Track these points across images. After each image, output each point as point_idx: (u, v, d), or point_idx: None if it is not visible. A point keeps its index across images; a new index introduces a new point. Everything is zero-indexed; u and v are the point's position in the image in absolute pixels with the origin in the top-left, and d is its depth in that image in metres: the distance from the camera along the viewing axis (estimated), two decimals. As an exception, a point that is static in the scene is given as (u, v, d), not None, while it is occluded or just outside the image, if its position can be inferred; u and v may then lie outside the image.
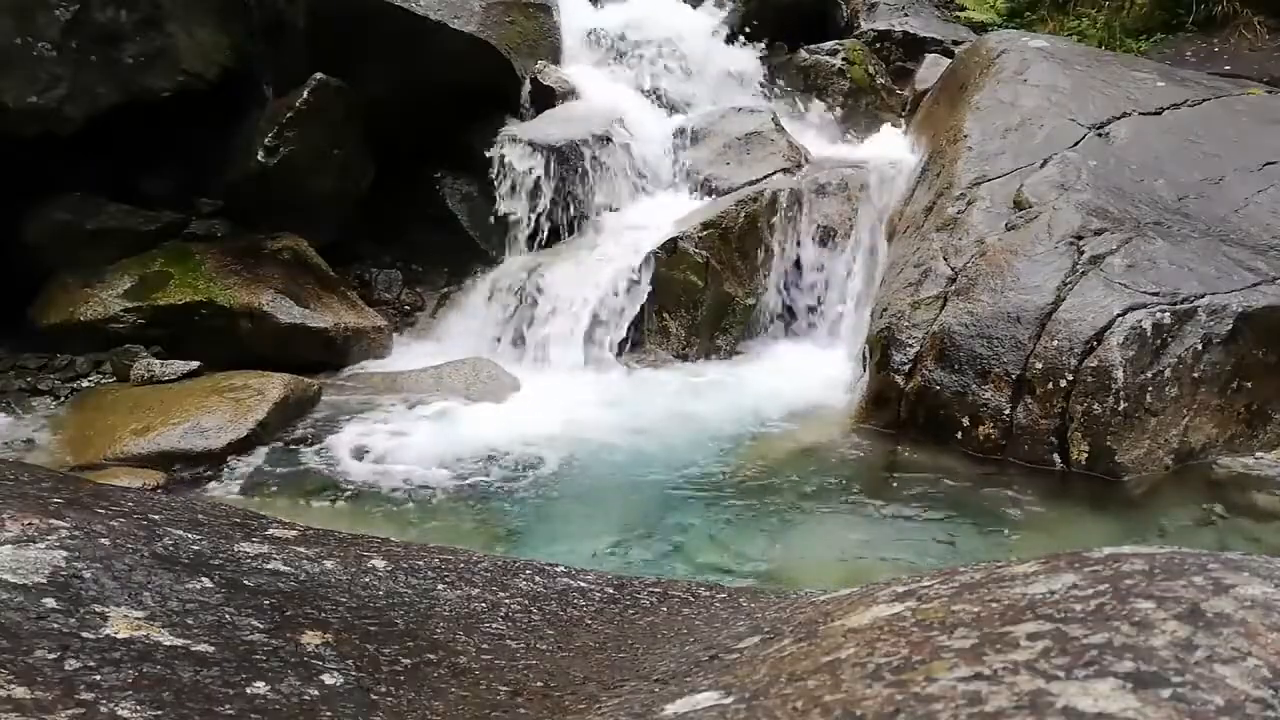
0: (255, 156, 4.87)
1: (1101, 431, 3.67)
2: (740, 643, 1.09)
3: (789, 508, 3.56)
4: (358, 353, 4.83)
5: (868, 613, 0.99)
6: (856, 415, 4.24)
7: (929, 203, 4.70)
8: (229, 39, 4.91)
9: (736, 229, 4.99)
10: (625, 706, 0.98)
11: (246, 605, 1.15)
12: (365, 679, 1.05)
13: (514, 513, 3.59)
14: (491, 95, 5.35)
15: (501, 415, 4.27)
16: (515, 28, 5.50)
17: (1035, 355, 3.81)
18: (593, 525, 3.53)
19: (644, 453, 3.97)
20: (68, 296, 4.58)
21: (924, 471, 3.80)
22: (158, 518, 1.36)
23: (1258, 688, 0.70)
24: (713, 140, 5.49)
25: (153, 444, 3.84)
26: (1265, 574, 0.85)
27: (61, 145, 4.49)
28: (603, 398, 4.48)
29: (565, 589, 1.41)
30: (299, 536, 1.45)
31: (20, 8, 4.32)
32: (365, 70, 5.06)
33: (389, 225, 5.41)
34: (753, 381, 4.64)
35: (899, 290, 4.33)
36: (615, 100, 5.61)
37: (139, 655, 0.99)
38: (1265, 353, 3.83)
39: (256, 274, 4.73)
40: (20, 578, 1.06)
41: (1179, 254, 4.03)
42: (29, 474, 1.49)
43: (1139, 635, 0.76)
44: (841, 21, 7.07)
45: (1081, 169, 4.45)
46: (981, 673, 0.75)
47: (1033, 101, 4.93)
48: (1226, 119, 4.97)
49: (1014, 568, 1.00)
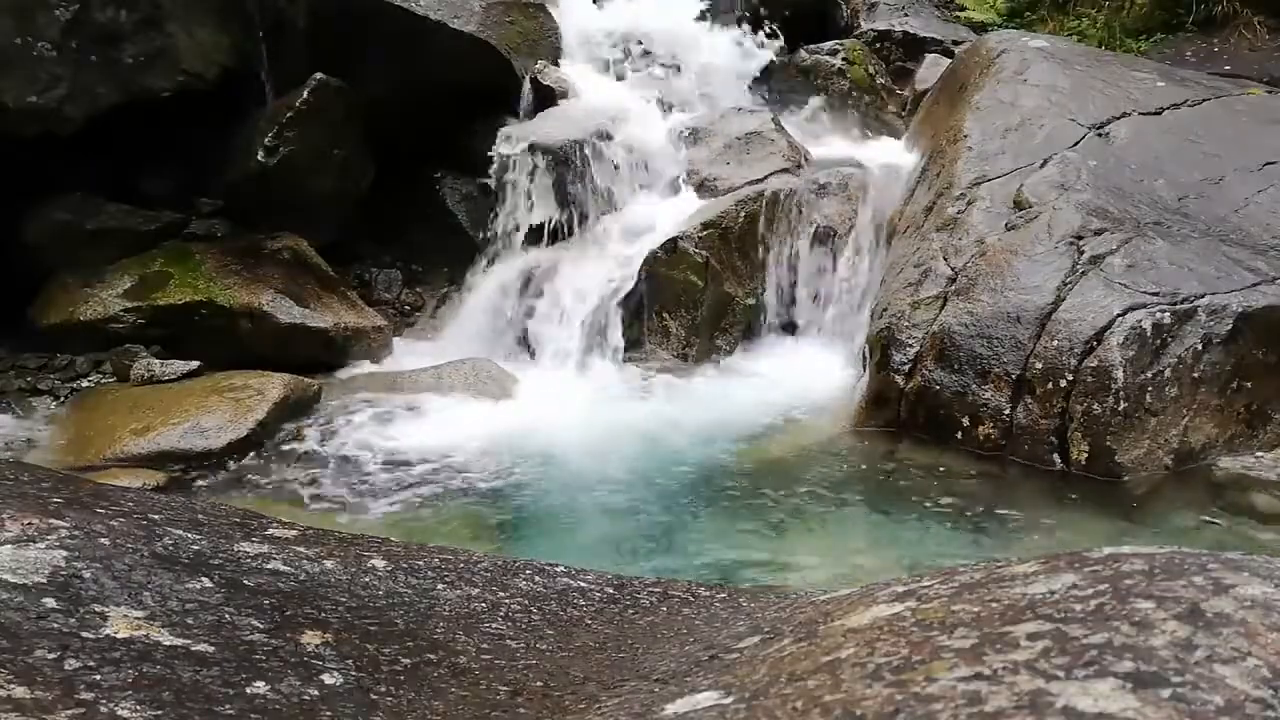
0: (255, 156, 4.86)
1: (1101, 431, 3.66)
2: (740, 643, 1.09)
3: (789, 507, 3.56)
4: (358, 353, 4.83)
5: (868, 613, 0.99)
6: (856, 415, 4.24)
7: (929, 203, 4.70)
8: (229, 39, 4.91)
9: (736, 229, 4.99)
10: (625, 706, 0.98)
11: (246, 605, 1.15)
12: (365, 679, 1.05)
13: (514, 512, 3.59)
14: (491, 95, 5.35)
15: (501, 415, 4.27)
16: (515, 28, 5.50)
17: (1035, 355, 3.81)
18: (593, 525, 3.53)
19: (644, 452, 3.97)
20: (68, 296, 4.58)
21: (924, 471, 3.80)
22: (158, 518, 1.36)
23: (1258, 688, 0.70)
24: (713, 140, 5.49)
25: (153, 444, 3.85)
26: (1265, 574, 0.85)
27: (61, 145, 4.49)
28: (602, 398, 4.48)
29: (565, 589, 1.41)
30: (299, 536, 1.45)
31: (20, 8, 4.31)
32: (365, 70, 5.06)
33: (389, 225, 5.41)
34: (752, 381, 4.64)
35: (899, 290, 4.33)
36: (615, 100, 5.61)
37: (139, 655, 0.99)
38: (1265, 353, 3.82)
39: (256, 274, 4.73)
40: (20, 578, 1.06)
41: (1179, 254, 4.03)
42: (29, 474, 1.49)
43: (1139, 635, 0.76)
44: (841, 21, 7.07)
45: (1081, 169, 4.45)
46: (981, 673, 0.75)
47: (1033, 101, 4.93)
48: (1226, 119, 4.96)
49: (1014, 568, 1.00)
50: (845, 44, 6.60)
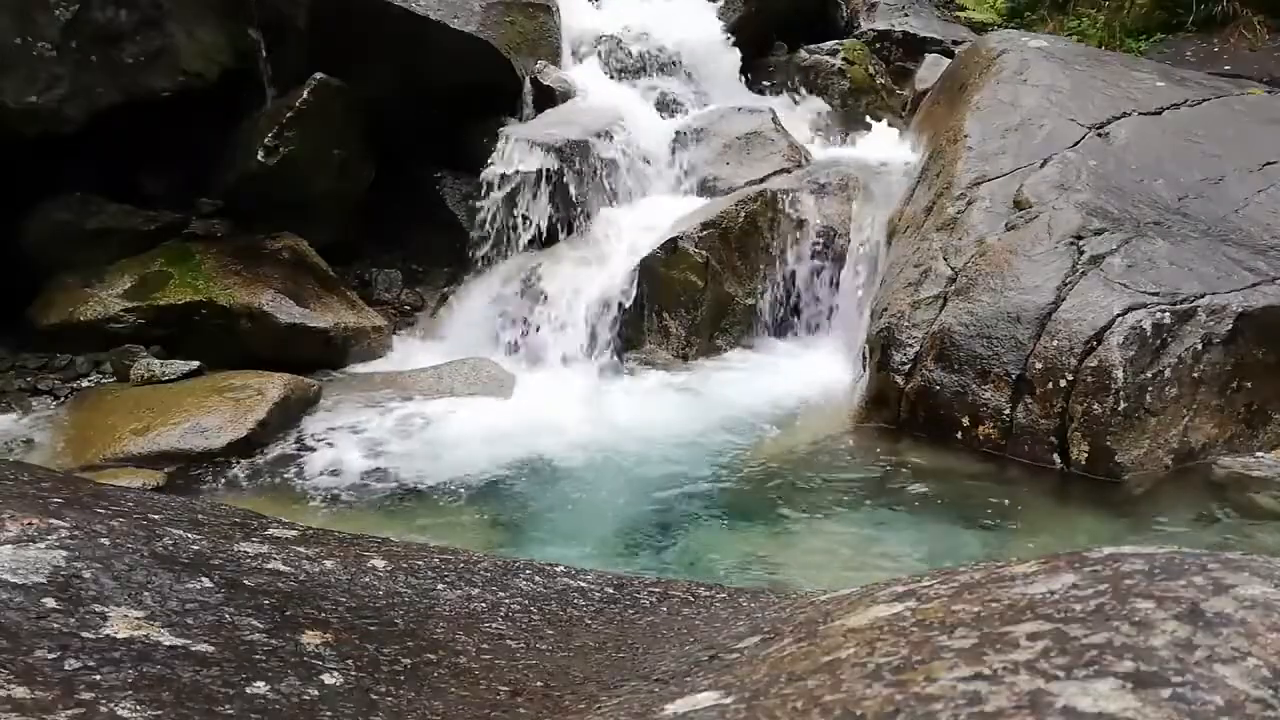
0: (255, 156, 4.86)
1: (1101, 431, 3.67)
2: (740, 643, 1.09)
3: (789, 507, 3.56)
4: (358, 352, 4.83)
5: (868, 613, 0.99)
6: (856, 415, 4.25)
7: (929, 203, 4.70)
8: (229, 39, 4.90)
9: (736, 229, 4.98)
10: (625, 706, 0.98)
11: (246, 605, 1.15)
12: (365, 679, 1.05)
13: (514, 512, 3.59)
14: (491, 95, 5.35)
15: (501, 415, 4.27)
16: (515, 28, 5.50)
17: (1035, 355, 3.81)
18: (592, 525, 3.53)
19: (644, 452, 3.97)
20: (68, 296, 4.58)
21: (924, 471, 3.80)
22: (158, 518, 1.36)
23: (1258, 688, 0.70)
24: (713, 140, 5.49)
25: (153, 444, 3.85)
26: (1265, 574, 0.85)
27: (61, 145, 4.49)
28: (602, 397, 4.48)
29: (565, 589, 1.41)
30: (299, 536, 1.45)
31: (20, 8, 4.31)
32: (365, 70, 5.06)
33: (389, 225, 5.41)
34: (752, 381, 4.64)
35: (899, 290, 4.33)
36: (615, 100, 5.61)
37: (139, 655, 0.99)
38: (1265, 353, 3.83)
39: (256, 274, 4.73)
40: (20, 578, 1.06)
41: (1179, 254, 4.03)
42: (29, 474, 1.49)
43: (1139, 635, 0.76)
44: (841, 21, 7.07)
45: (1081, 169, 4.45)
46: (981, 673, 0.75)
47: (1033, 101, 4.93)
48: (1226, 119, 4.97)
49: (1014, 568, 1.00)
50: (845, 44, 6.61)
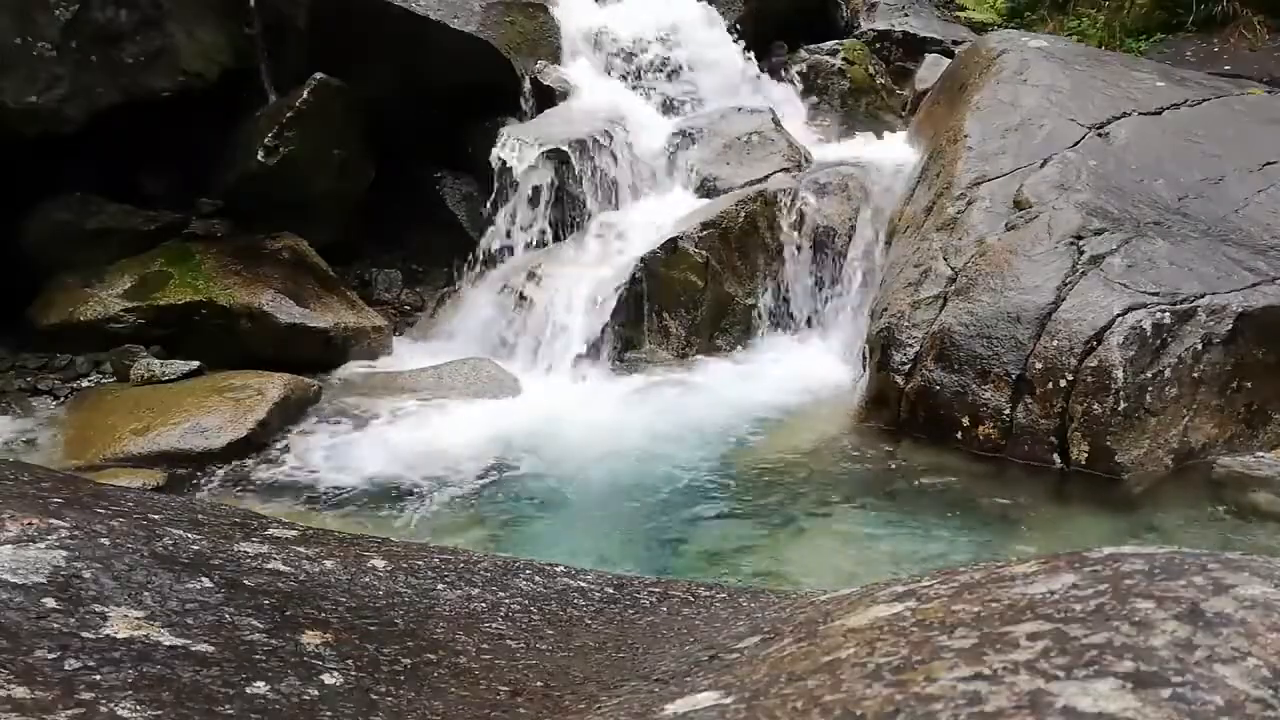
0: (255, 156, 4.86)
1: (1101, 431, 3.67)
2: (740, 643, 1.09)
3: (789, 507, 3.56)
4: (358, 352, 4.83)
5: (868, 613, 0.99)
6: (856, 415, 4.25)
7: (929, 203, 4.70)
8: (229, 39, 4.91)
9: (736, 229, 4.99)
10: (625, 706, 0.98)
11: (246, 605, 1.15)
12: (365, 679, 1.05)
13: (514, 512, 3.59)
14: (492, 95, 5.35)
15: (501, 415, 4.27)
16: (515, 27, 5.50)
17: (1035, 355, 3.81)
18: (592, 525, 3.53)
19: (644, 452, 3.97)
20: (68, 296, 4.58)
21: (924, 471, 3.80)
22: (158, 518, 1.36)
23: (1258, 688, 0.70)
24: (713, 140, 5.48)
25: (153, 444, 3.84)
26: (1265, 574, 0.85)
27: (61, 145, 4.49)
28: (602, 397, 4.48)
29: (565, 589, 1.41)
30: (299, 536, 1.45)
31: (20, 8, 4.31)
32: (365, 70, 5.06)
33: (389, 225, 5.41)
34: (752, 381, 4.64)
35: (899, 290, 4.33)
36: (615, 100, 5.61)
37: (139, 655, 0.99)
38: (1265, 353, 3.83)
39: (256, 274, 4.73)
40: (20, 578, 1.06)
41: (1179, 254, 4.03)
42: (29, 474, 1.49)
43: (1139, 635, 0.76)
44: (841, 21, 7.07)
45: (1081, 169, 4.45)
46: (981, 673, 0.75)
47: (1033, 101, 4.93)
48: (1226, 119, 4.96)
49: (1014, 568, 1.00)
50: (845, 44, 6.60)
